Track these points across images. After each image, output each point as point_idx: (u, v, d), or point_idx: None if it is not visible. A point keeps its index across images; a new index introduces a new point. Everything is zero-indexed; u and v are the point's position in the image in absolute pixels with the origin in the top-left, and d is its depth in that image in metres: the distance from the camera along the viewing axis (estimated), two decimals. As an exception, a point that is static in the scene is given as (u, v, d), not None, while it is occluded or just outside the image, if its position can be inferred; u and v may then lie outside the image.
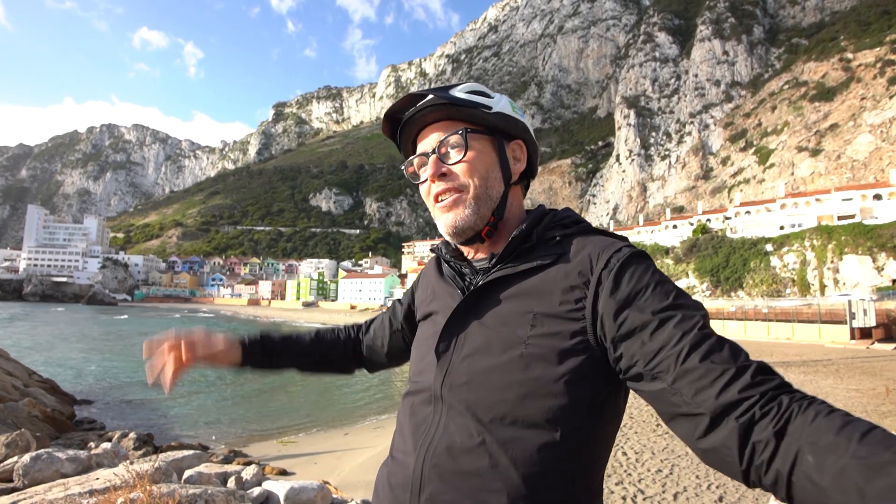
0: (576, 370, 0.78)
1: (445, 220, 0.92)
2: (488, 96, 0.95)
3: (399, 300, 1.21)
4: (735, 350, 0.69)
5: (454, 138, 0.91)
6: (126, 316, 68.76)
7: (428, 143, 0.94)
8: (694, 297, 0.79)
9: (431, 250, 1.06)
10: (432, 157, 0.92)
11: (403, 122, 0.96)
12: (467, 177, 0.91)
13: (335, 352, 1.22)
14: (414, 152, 0.99)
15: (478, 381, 0.82)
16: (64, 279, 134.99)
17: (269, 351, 1.16)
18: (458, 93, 0.93)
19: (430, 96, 0.91)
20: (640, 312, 0.75)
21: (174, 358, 1.02)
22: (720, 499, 4.98)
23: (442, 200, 0.92)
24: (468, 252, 0.99)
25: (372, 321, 1.27)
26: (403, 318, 1.17)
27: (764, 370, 0.66)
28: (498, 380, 0.80)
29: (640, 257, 0.83)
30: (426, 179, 0.94)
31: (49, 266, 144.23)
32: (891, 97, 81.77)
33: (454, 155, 0.91)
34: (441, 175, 0.92)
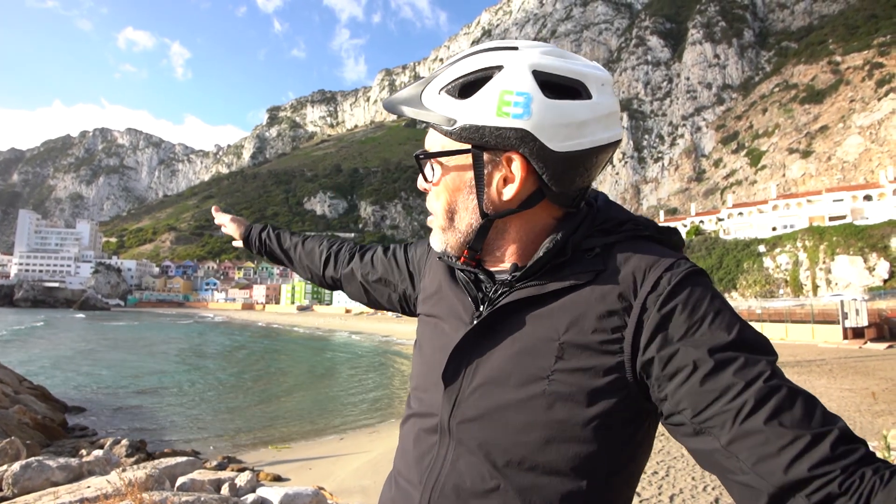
0: (609, 413, 0.67)
1: (430, 237, 0.84)
2: (477, 85, 0.72)
3: (405, 256, 1.08)
4: (810, 407, 0.57)
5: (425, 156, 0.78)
6: (130, 323, 68.18)
7: (426, 140, 0.81)
8: (757, 332, 0.65)
9: (439, 258, 0.88)
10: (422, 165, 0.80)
11: None
12: (434, 202, 0.80)
13: (313, 265, 1.25)
14: None
15: (492, 419, 0.71)
16: (56, 284, 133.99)
17: (263, 243, 1.34)
18: (429, 95, 0.76)
19: (404, 108, 0.77)
20: (693, 349, 0.63)
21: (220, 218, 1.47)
22: (716, 500, 4.98)
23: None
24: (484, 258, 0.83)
25: (369, 250, 1.18)
26: (390, 288, 1.09)
27: (847, 438, 0.56)
28: (515, 419, 0.69)
29: (697, 276, 0.69)
30: None
31: (41, 271, 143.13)
32: (879, 99, 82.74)
33: (428, 172, 0.79)
34: (426, 191, 0.82)
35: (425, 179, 0.80)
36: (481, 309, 0.78)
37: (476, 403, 0.72)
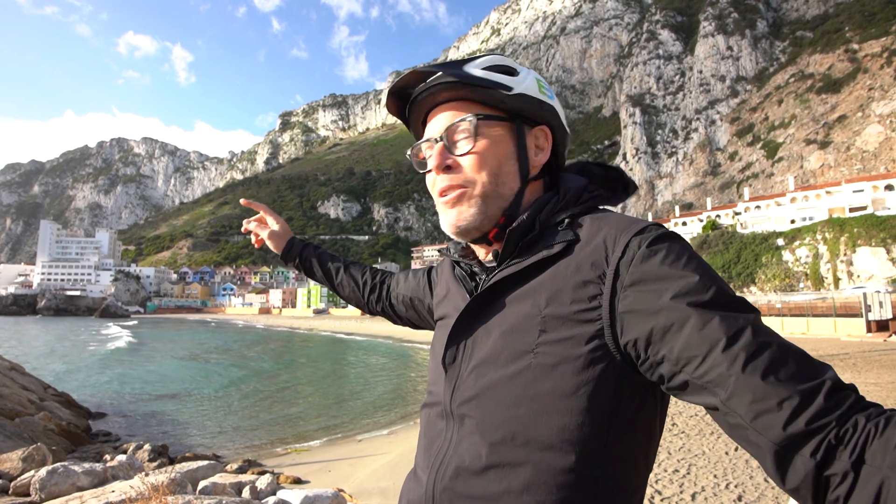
0: (594, 382, 0.68)
1: (448, 217, 0.83)
2: (512, 72, 0.84)
3: (428, 274, 1.18)
4: (801, 361, 0.58)
5: (463, 125, 0.80)
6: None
7: (436, 126, 0.83)
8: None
9: (440, 252, 0.97)
10: (438, 146, 0.81)
11: (412, 100, 0.85)
12: (475, 171, 0.80)
13: (350, 288, 1.33)
14: (424, 134, 0.88)
15: (486, 396, 0.73)
16: (77, 293, 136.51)
17: (304, 260, 1.40)
18: (474, 69, 0.81)
19: (440, 73, 0.80)
20: (676, 303, 0.63)
21: (258, 222, 1.47)
22: (739, 498, 4.90)
23: (445, 196, 0.82)
24: (479, 251, 0.89)
25: (402, 275, 1.27)
26: (422, 306, 1.18)
27: (838, 387, 0.56)
28: (506, 394, 0.71)
29: (667, 238, 0.69)
30: (431, 170, 0.83)
31: (62, 280, 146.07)
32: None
33: (463, 144, 0.80)
34: (447, 167, 0.81)
35: (451, 152, 0.81)
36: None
37: (472, 384, 0.75)
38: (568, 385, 0.68)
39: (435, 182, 0.83)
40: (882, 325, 24.80)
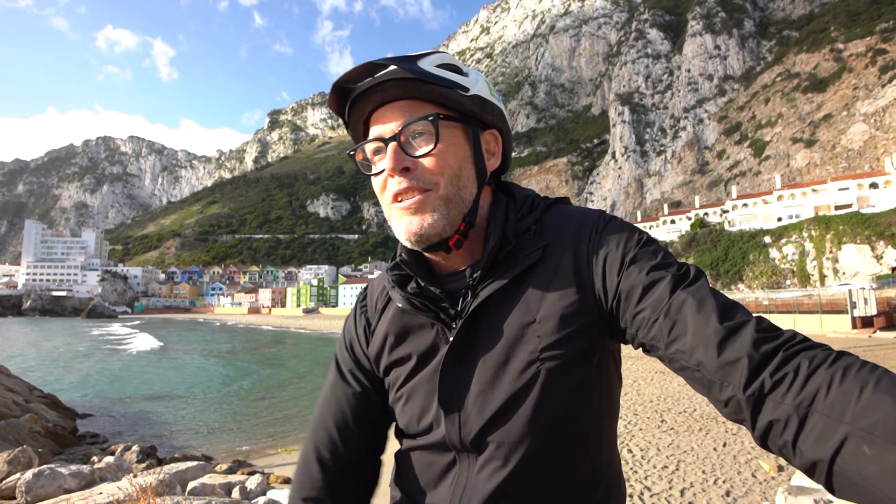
0: (598, 366, 0.74)
1: (408, 225, 0.76)
2: (462, 73, 0.80)
3: (345, 381, 0.90)
4: (734, 304, 0.62)
5: (421, 125, 0.75)
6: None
7: (386, 126, 0.76)
8: None
9: (394, 279, 0.85)
10: (392, 146, 0.74)
11: (355, 95, 0.77)
12: (436, 174, 0.75)
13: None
14: (365, 135, 0.81)
15: (499, 420, 0.72)
16: (63, 293, 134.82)
17: None
18: (428, 65, 0.76)
19: (393, 67, 0.73)
20: (632, 276, 0.69)
21: None
22: (727, 493, 4.96)
23: (402, 201, 0.76)
24: (436, 262, 0.84)
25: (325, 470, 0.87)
26: (366, 397, 0.89)
27: (770, 326, 0.58)
28: (520, 411, 0.71)
29: (618, 220, 0.77)
30: (382, 172, 0.77)
31: (48, 280, 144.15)
32: (883, 86, 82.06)
33: (420, 145, 0.75)
34: (404, 170, 0.75)
35: (407, 153, 0.75)
36: (454, 323, 0.78)
37: (481, 411, 0.73)
38: (579, 380, 0.71)
39: (387, 185, 0.77)
40: (867, 322, 25.20)
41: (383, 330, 0.86)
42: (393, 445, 0.80)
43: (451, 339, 0.77)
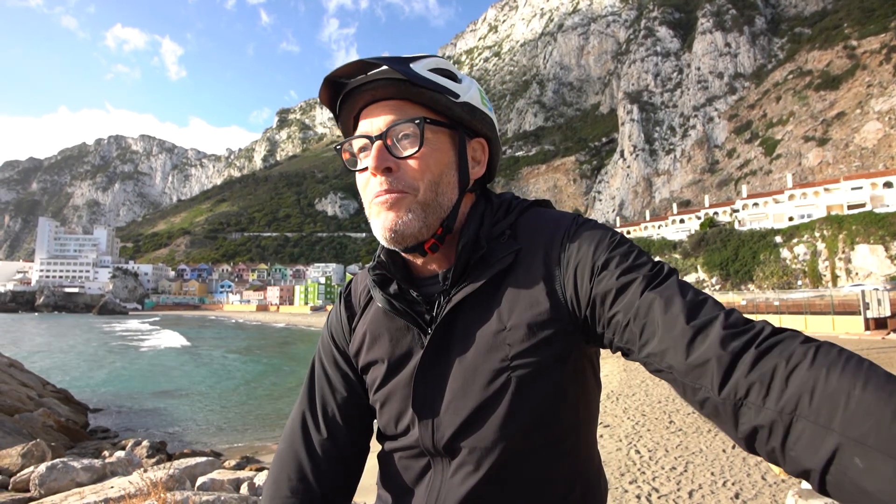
0: (572, 372, 0.74)
1: (384, 220, 0.76)
2: (455, 79, 0.80)
3: (326, 379, 0.90)
4: (709, 300, 0.62)
5: (407, 127, 0.75)
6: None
7: (374, 123, 0.77)
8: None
9: (375, 278, 0.83)
10: (377, 145, 0.75)
11: (347, 90, 0.78)
12: (417, 177, 0.75)
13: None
14: (355, 129, 0.82)
15: (472, 425, 0.73)
16: (76, 290, 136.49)
17: None
18: (420, 69, 0.76)
19: (385, 67, 0.74)
20: (607, 280, 0.68)
21: None
22: (736, 496, 4.92)
23: (380, 197, 0.76)
24: (414, 264, 0.84)
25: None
26: (349, 395, 0.88)
27: (742, 319, 0.57)
28: (492, 416, 0.72)
29: (593, 223, 0.76)
30: (366, 169, 0.77)
31: (61, 277, 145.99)
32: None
33: (405, 147, 0.75)
34: (386, 170, 0.75)
35: (392, 154, 0.75)
36: (430, 328, 0.78)
37: (454, 416, 0.74)
38: (552, 387, 0.72)
39: (369, 183, 0.77)
40: (880, 323, 24.87)
41: (363, 328, 0.86)
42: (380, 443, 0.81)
43: (426, 343, 0.77)
